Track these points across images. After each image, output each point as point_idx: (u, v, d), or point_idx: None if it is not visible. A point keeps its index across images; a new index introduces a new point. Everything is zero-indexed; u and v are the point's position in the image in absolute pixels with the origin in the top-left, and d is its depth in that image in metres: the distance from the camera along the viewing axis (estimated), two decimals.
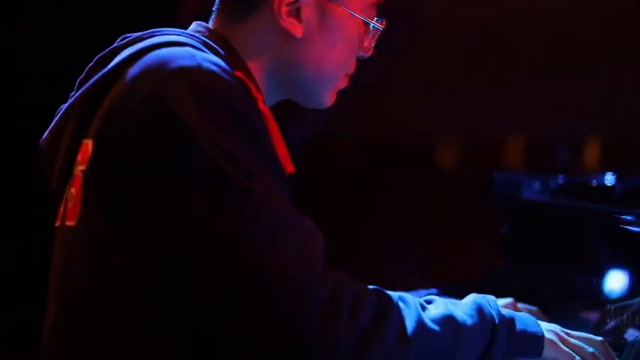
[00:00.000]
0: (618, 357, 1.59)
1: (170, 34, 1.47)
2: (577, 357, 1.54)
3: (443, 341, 1.39)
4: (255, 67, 1.54)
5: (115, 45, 1.51)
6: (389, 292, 1.39)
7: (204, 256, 1.31)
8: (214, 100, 1.34)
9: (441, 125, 3.42)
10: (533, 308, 1.87)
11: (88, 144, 1.41)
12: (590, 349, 1.56)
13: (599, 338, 1.58)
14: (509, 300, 1.80)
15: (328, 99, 1.62)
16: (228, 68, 1.39)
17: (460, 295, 1.54)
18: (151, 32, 1.49)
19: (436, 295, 1.55)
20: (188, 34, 1.49)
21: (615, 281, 1.98)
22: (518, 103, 3.37)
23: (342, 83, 1.62)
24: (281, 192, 1.37)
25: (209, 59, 1.38)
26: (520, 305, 1.83)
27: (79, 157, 1.43)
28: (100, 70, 1.46)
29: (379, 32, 1.61)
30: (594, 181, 2.24)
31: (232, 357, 1.35)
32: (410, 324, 1.36)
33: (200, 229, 1.31)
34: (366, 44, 1.61)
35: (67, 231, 1.42)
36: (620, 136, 3.46)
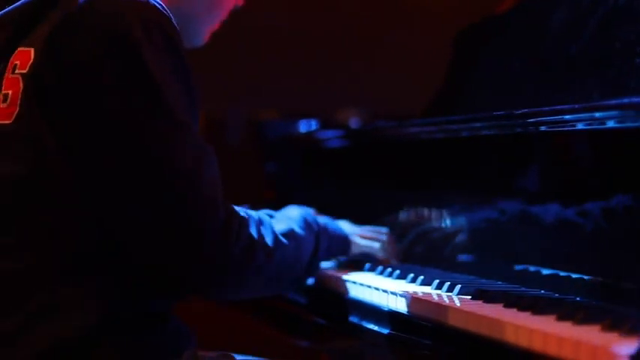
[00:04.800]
0: None
1: None
2: (375, 244, 1.94)
3: (290, 251, 1.67)
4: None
5: None
6: (251, 212, 1.63)
7: (136, 175, 1.48)
8: (162, 37, 1.49)
9: None
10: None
11: (29, 51, 1.52)
12: (383, 231, 1.98)
13: (384, 229, 1.99)
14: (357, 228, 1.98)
15: (206, 38, 1.76)
16: (162, 3, 1.53)
17: None
18: None
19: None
20: None
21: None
22: None
23: (218, 25, 1.76)
24: (197, 122, 1.56)
25: None
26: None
27: (16, 62, 1.52)
28: None
29: None
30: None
31: (148, 269, 1.52)
32: (270, 240, 1.61)
33: (137, 151, 1.48)
34: None
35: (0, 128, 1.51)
36: None
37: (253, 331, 2.48)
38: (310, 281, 1.90)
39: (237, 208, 1.59)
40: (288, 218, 1.75)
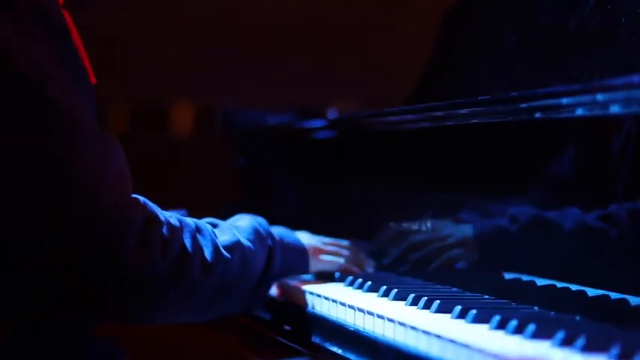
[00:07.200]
0: None
1: None
2: (338, 260, 1.72)
3: (234, 267, 1.46)
4: None
5: None
6: (188, 220, 1.42)
7: (24, 178, 1.28)
8: (35, 21, 1.29)
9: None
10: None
11: None
12: (345, 244, 1.76)
13: (346, 242, 1.77)
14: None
15: None
16: None
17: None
18: None
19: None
20: None
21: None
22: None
23: None
24: (92, 111, 1.35)
25: None
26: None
27: None
28: None
29: None
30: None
31: (56, 290, 1.32)
32: (209, 253, 1.41)
33: (21, 151, 1.27)
34: None
35: None
36: None
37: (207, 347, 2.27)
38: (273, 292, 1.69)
39: (166, 213, 1.38)
40: (236, 228, 1.54)
